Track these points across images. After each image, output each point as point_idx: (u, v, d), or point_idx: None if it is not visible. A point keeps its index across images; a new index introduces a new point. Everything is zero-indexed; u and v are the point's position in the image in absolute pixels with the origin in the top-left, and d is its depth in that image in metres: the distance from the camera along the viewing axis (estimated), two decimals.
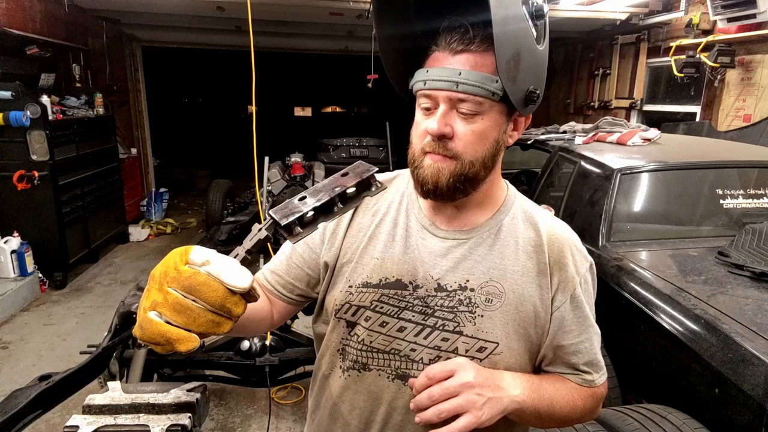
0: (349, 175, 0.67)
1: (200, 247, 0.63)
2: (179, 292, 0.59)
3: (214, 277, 0.59)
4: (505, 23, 0.71)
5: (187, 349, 0.59)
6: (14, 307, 3.98)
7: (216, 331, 0.61)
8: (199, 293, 0.59)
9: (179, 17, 5.86)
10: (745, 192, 2.46)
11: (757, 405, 1.39)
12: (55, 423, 2.57)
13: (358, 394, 0.87)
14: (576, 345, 0.85)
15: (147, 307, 0.60)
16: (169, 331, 0.58)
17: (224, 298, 0.60)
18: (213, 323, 0.60)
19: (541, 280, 0.83)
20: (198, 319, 0.59)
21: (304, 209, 0.64)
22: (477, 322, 0.82)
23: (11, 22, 4.31)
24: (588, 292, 0.87)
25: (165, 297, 0.59)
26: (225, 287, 0.60)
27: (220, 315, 0.60)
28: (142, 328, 0.59)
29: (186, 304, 0.59)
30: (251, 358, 2.23)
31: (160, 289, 0.60)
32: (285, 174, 5.38)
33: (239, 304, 0.61)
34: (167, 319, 0.59)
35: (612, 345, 2.01)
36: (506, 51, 0.72)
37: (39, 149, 4.21)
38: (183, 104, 14.36)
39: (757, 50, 4.23)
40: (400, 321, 0.84)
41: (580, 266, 0.86)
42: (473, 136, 0.78)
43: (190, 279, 0.59)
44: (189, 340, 0.59)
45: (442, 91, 0.76)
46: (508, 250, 0.85)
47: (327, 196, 0.65)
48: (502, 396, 0.77)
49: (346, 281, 0.88)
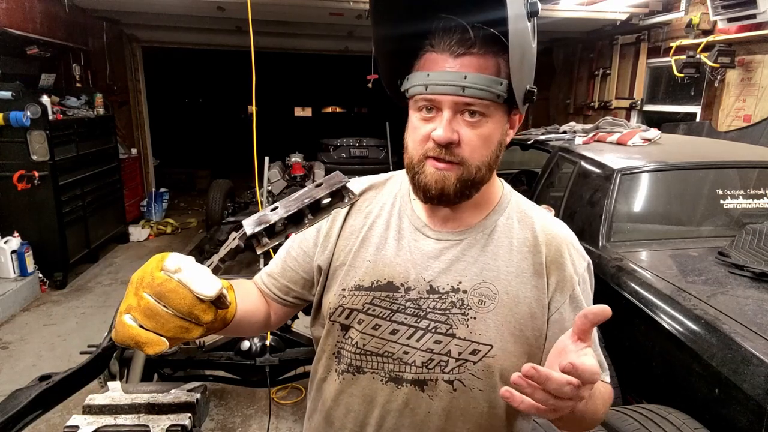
0: (322, 186, 0.68)
1: (177, 254, 0.64)
2: (151, 297, 0.61)
3: (184, 285, 0.62)
4: (517, 25, 0.70)
5: (154, 352, 0.61)
6: (14, 307, 3.98)
7: (185, 336, 0.63)
8: (168, 300, 0.61)
9: (179, 17, 5.86)
10: (746, 192, 2.46)
11: (757, 405, 1.39)
12: (55, 423, 2.57)
13: (353, 397, 0.87)
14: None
15: (123, 310, 0.63)
16: (139, 334, 0.61)
17: (192, 306, 0.62)
18: (181, 329, 0.62)
19: (537, 281, 0.82)
20: (167, 324, 0.61)
21: (273, 219, 0.65)
22: (470, 324, 0.81)
23: (11, 23, 4.31)
24: (587, 291, 0.85)
25: (138, 302, 0.62)
26: (193, 295, 0.62)
27: (189, 321, 0.63)
28: (116, 330, 0.63)
29: (156, 310, 0.61)
30: (251, 358, 2.23)
31: (135, 294, 0.62)
32: (285, 174, 5.39)
33: (208, 312, 0.63)
34: (140, 323, 0.61)
35: (612, 345, 2.01)
36: (517, 52, 0.71)
37: (39, 149, 4.21)
38: (183, 104, 14.36)
39: (757, 50, 4.23)
40: (393, 324, 0.84)
41: (578, 266, 0.85)
42: (479, 140, 0.76)
43: (160, 286, 0.61)
44: (156, 344, 0.61)
45: (447, 96, 0.74)
46: (502, 250, 0.83)
47: (296, 207, 0.66)
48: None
49: (339, 284, 0.87)
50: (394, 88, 0.84)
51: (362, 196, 0.93)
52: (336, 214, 0.90)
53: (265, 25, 6.14)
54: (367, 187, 0.94)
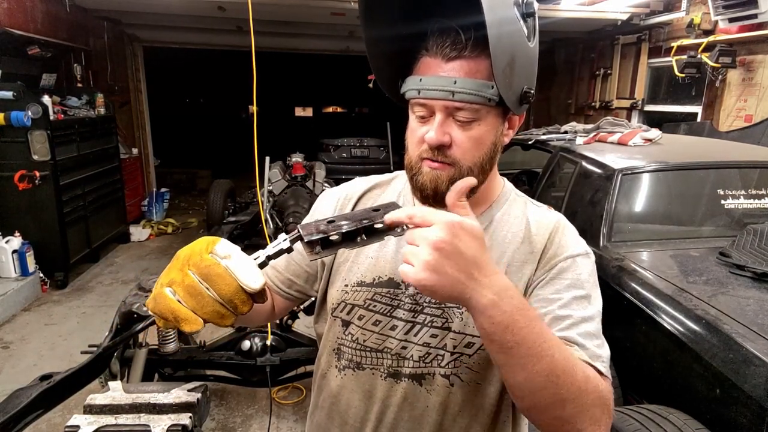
0: (379, 212, 0.69)
1: (227, 241, 0.65)
2: (197, 276, 0.62)
3: (231, 272, 0.62)
4: (500, 31, 0.69)
5: (190, 330, 0.61)
6: (15, 307, 3.98)
7: (219, 323, 0.63)
8: (214, 283, 0.61)
9: (180, 17, 5.86)
10: (747, 192, 2.46)
11: (758, 405, 1.39)
12: (56, 423, 2.57)
13: (354, 393, 0.88)
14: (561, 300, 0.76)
15: (164, 282, 0.63)
16: (179, 309, 0.61)
17: (234, 294, 0.62)
18: (218, 314, 0.62)
19: (530, 271, 0.82)
20: (206, 306, 0.61)
21: (331, 232, 0.66)
22: (464, 317, 0.82)
23: (13, 23, 4.32)
24: (579, 274, 0.79)
25: (183, 278, 0.62)
26: (238, 284, 0.62)
27: (227, 308, 0.63)
28: (155, 300, 0.62)
29: (199, 290, 0.61)
30: (252, 358, 2.24)
31: (181, 269, 0.63)
32: (286, 174, 5.39)
33: (246, 303, 0.63)
34: (179, 299, 0.62)
35: (613, 345, 2.00)
36: (502, 59, 0.71)
37: (40, 149, 4.22)
38: (184, 104, 14.38)
39: (758, 50, 4.22)
40: (393, 319, 0.85)
41: (568, 249, 0.82)
42: (471, 142, 0.77)
43: (209, 268, 0.62)
44: (194, 322, 0.61)
45: (438, 101, 0.76)
46: (496, 242, 0.84)
47: (354, 226, 0.67)
48: (468, 282, 0.60)
49: (342, 280, 0.89)
50: (395, 89, 0.85)
51: (367, 195, 0.95)
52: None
53: (266, 25, 6.14)
54: (373, 185, 0.96)
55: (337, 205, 0.95)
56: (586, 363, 0.70)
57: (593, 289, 0.80)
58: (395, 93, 0.85)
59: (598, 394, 0.67)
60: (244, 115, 14.53)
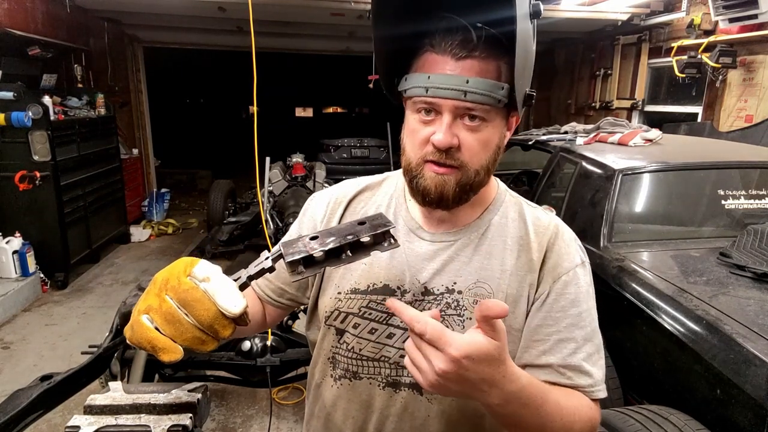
0: (365, 225, 0.66)
1: (206, 262, 0.62)
2: (174, 302, 0.59)
3: (210, 296, 0.59)
4: (522, 24, 0.67)
5: (169, 359, 0.58)
6: (16, 308, 3.98)
7: (200, 348, 0.61)
8: (192, 309, 0.59)
9: (181, 18, 5.87)
10: (747, 193, 2.46)
11: (759, 406, 1.38)
12: (56, 423, 2.57)
13: (351, 403, 0.86)
14: (566, 320, 0.77)
15: (142, 309, 0.61)
16: (157, 338, 0.59)
17: (213, 319, 0.59)
18: (198, 340, 0.60)
19: (531, 278, 0.80)
20: (185, 333, 0.59)
21: (313, 250, 0.63)
22: (466, 325, 0.79)
23: (13, 23, 4.32)
24: (579, 287, 0.80)
25: (160, 304, 0.59)
26: (217, 308, 0.59)
27: (207, 334, 0.60)
28: (132, 329, 0.60)
29: (177, 317, 0.59)
30: (252, 359, 2.23)
31: (158, 295, 0.60)
32: (286, 174, 5.39)
33: (227, 327, 0.61)
34: (157, 326, 0.59)
35: (613, 345, 2.01)
36: (522, 55, 0.69)
37: (41, 150, 4.22)
38: (184, 105, 14.39)
39: (758, 51, 4.22)
40: (389, 327, 0.83)
41: (569, 260, 0.81)
42: (479, 145, 0.75)
43: (186, 293, 0.59)
44: (173, 351, 0.59)
45: (448, 100, 0.72)
46: (496, 249, 0.82)
47: (338, 243, 0.64)
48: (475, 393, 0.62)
49: (335, 287, 0.86)
50: (391, 85, 0.82)
51: (357, 197, 0.92)
52: (333, 218, 0.89)
53: (266, 26, 6.15)
54: (363, 188, 0.93)
55: (327, 209, 0.91)
56: (585, 394, 0.75)
57: (591, 300, 0.82)
58: (391, 89, 0.83)
59: (574, 421, 0.72)
60: (244, 115, 14.56)
